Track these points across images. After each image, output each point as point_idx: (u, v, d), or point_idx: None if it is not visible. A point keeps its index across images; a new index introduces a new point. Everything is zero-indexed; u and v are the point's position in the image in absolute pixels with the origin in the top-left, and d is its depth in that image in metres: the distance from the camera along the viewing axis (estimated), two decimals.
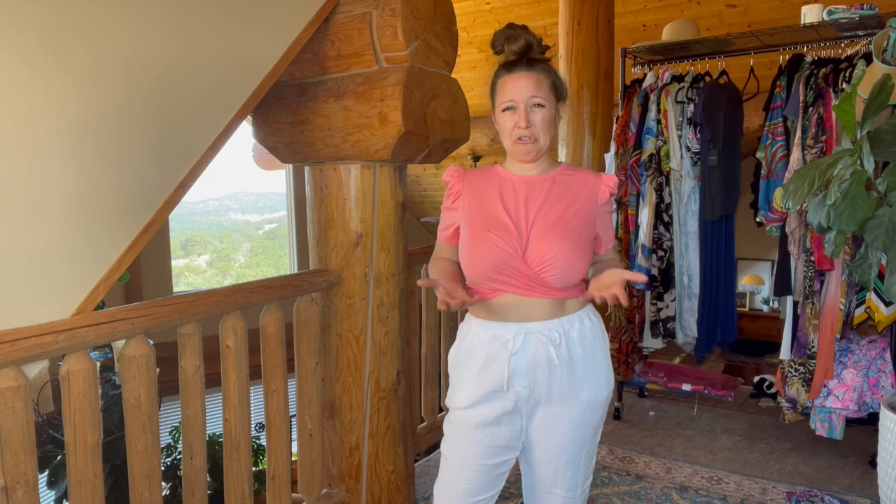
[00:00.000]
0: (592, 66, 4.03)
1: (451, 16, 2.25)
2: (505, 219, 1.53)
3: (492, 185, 1.59)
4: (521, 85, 1.49)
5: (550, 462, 1.58)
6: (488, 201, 1.56)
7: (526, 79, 1.49)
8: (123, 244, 1.69)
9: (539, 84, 1.50)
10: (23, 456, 1.48)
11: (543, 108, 1.50)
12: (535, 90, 1.49)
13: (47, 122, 1.54)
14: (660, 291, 3.25)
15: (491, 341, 1.54)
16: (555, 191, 1.56)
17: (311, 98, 2.20)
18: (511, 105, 1.50)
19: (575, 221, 1.53)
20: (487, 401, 1.54)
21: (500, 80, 1.54)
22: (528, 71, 1.50)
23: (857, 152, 1.73)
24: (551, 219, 1.52)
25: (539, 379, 1.52)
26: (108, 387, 2.90)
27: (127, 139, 1.68)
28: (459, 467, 1.58)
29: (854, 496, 2.58)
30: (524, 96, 1.49)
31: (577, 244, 1.52)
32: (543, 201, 1.54)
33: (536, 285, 1.51)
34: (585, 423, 1.57)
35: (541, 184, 1.56)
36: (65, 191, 1.58)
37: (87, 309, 1.63)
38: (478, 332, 1.57)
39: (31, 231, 1.54)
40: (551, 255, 1.48)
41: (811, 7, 2.77)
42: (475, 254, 1.53)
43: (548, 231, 1.50)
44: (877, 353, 2.72)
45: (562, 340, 1.52)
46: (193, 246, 7.67)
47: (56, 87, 1.54)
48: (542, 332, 1.51)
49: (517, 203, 1.55)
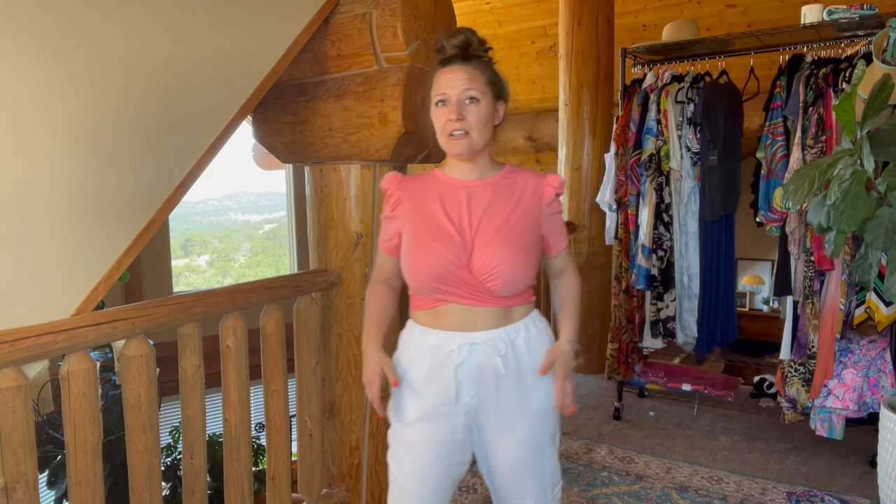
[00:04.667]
0: (592, 66, 4.04)
1: (451, 16, 2.25)
2: (448, 226, 1.47)
3: (432, 190, 1.52)
4: (455, 78, 1.43)
5: (514, 474, 1.54)
6: (429, 208, 1.50)
7: (460, 72, 1.44)
8: (123, 244, 1.69)
9: (473, 77, 1.44)
10: (23, 456, 1.48)
11: (478, 102, 1.44)
12: (468, 83, 1.43)
13: (47, 122, 1.54)
14: (660, 291, 3.25)
15: (436, 350, 1.48)
16: (498, 195, 1.50)
17: (311, 98, 2.21)
18: (444, 99, 1.44)
19: (520, 226, 1.48)
20: (436, 416, 1.50)
21: (435, 76, 1.48)
22: (463, 64, 1.45)
23: (857, 152, 1.73)
24: (495, 225, 1.47)
25: (488, 390, 1.48)
26: (108, 387, 2.89)
27: (127, 139, 1.68)
28: (418, 492, 1.53)
29: (854, 496, 2.58)
30: (457, 89, 1.43)
31: (522, 251, 1.47)
32: (487, 207, 1.48)
33: (482, 294, 1.46)
34: (541, 431, 1.54)
35: (482, 188, 1.50)
36: (65, 191, 1.58)
37: (87, 309, 1.63)
38: (421, 340, 1.51)
39: (31, 231, 1.54)
40: (496, 263, 1.43)
41: (811, 7, 2.77)
42: (418, 264, 1.47)
43: (492, 238, 1.45)
44: (877, 353, 2.72)
45: (508, 350, 1.48)
46: (193, 246, 7.67)
47: (56, 88, 1.54)
48: (488, 342, 1.47)
49: (459, 209, 1.48)
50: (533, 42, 5.63)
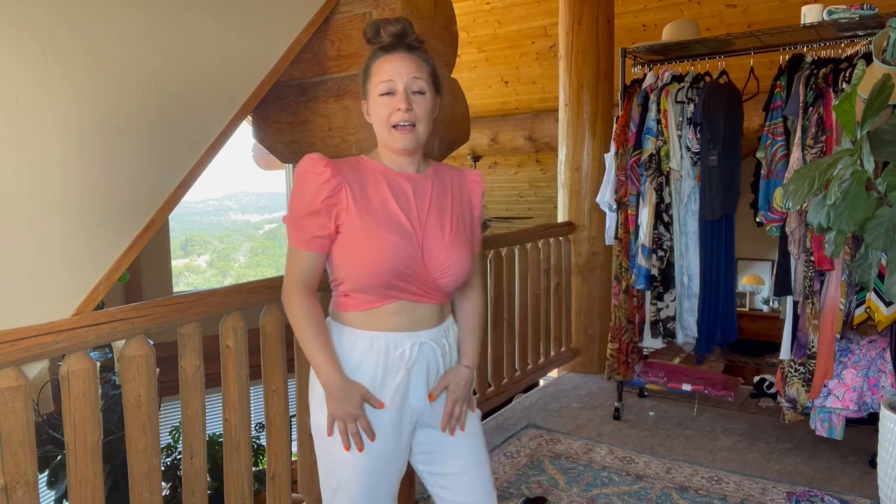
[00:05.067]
0: (592, 66, 4.04)
1: (451, 16, 2.25)
2: (401, 218, 1.37)
3: (375, 178, 1.39)
4: (401, 66, 1.34)
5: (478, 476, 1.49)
6: (378, 197, 1.37)
7: (407, 60, 1.35)
8: (123, 244, 1.69)
9: (420, 67, 1.36)
10: (23, 456, 1.48)
11: (424, 95, 1.36)
12: (416, 72, 1.35)
13: (47, 122, 1.54)
14: (660, 291, 3.25)
15: (385, 354, 1.38)
16: (437, 190, 1.44)
17: (311, 98, 2.21)
18: (390, 88, 1.34)
19: (463, 222, 1.46)
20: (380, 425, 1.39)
21: (375, 62, 1.37)
22: (409, 53, 1.36)
23: (857, 152, 1.73)
24: (444, 220, 1.42)
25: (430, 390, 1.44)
26: (108, 387, 2.89)
27: (127, 139, 1.68)
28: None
29: (854, 496, 2.58)
30: (405, 78, 1.34)
31: (469, 247, 1.45)
32: (431, 201, 1.42)
33: (432, 291, 1.40)
34: (479, 428, 1.54)
35: (423, 181, 1.43)
36: (65, 191, 1.58)
37: (87, 309, 1.63)
38: (365, 345, 1.38)
39: (31, 231, 1.54)
40: (452, 259, 1.39)
41: (811, 7, 2.77)
42: (374, 257, 1.33)
43: (443, 234, 1.40)
44: (877, 353, 2.72)
45: (447, 348, 1.46)
46: (193, 246, 7.67)
47: (56, 88, 1.54)
48: (432, 339, 1.42)
49: (408, 202, 1.39)
50: (533, 42, 5.63)
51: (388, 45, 1.37)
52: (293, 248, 1.38)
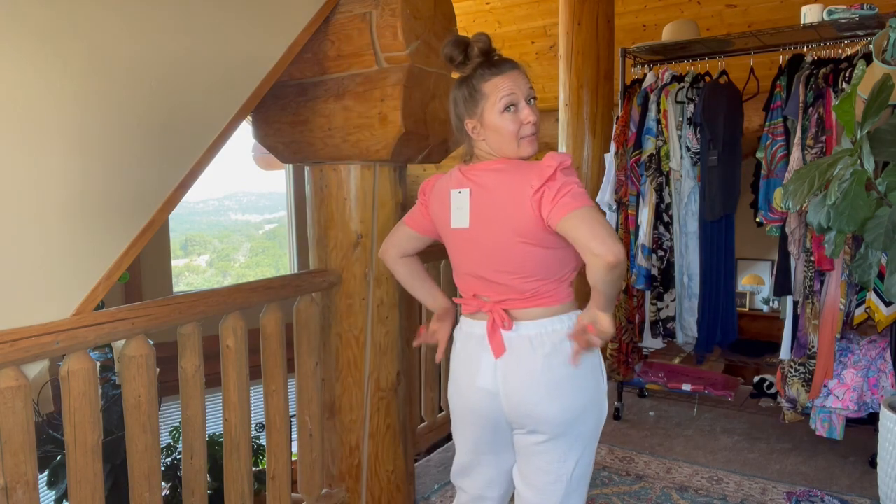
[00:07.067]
0: (592, 66, 4.03)
1: (451, 16, 2.25)
2: None
3: None
4: (516, 80, 1.45)
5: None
6: None
7: (517, 74, 1.46)
8: (123, 244, 1.69)
9: (525, 77, 1.48)
10: (23, 456, 1.48)
11: (535, 100, 1.49)
12: (527, 82, 1.47)
13: (48, 121, 1.54)
14: (660, 291, 3.25)
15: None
16: None
17: (311, 98, 2.20)
18: (514, 101, 1.44)
19: None
20: None
21: (488, 82, 1.45)
22: (515, 68, 1.47)
23: (857, 152, 1.73)
24: None
25: None
26: (108, 387, 2.90)
27: (127, 139, 1.68)
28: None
29: (854, 496, 2.58)
30: (524, 91, 1.46)
31: None
32: None
33: None
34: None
35: None
36: (65, 191, 1.58)
37: (87, 309, 1.62)
38: None
39: (31, 231, 1.54)
40: None
41: (811, 7, 2.77)
42: None
43: None
44: (877, 353, 2.72)
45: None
46: (193, 246, 7.67)
47: (57, 87, 1.54)
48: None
49: None
50: (533, 42, 5.63)
51: (495, 63, 1.46)
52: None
